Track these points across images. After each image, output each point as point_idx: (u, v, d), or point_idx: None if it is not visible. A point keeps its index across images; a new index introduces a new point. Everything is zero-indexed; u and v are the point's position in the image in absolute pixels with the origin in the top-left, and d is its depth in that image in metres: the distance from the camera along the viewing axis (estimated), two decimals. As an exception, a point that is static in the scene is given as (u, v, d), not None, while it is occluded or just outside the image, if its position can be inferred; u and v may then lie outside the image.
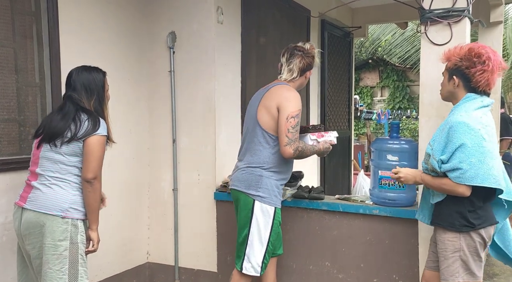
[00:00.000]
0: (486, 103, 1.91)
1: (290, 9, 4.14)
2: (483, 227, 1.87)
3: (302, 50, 2.40)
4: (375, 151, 2.58)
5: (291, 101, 2.24)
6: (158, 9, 3.25)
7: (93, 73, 2.12)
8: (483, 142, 1.82)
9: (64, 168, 2.00)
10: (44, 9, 2.54)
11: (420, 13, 2.33)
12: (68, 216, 1.97)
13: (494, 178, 1.81)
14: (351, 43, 5.59)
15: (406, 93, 11.96)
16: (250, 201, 2.30)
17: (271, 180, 2.31)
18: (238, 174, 2.36)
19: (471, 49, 1.93)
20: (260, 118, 2.29)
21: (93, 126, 2.00)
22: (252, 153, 2.33)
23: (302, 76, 2.42)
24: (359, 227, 2.62)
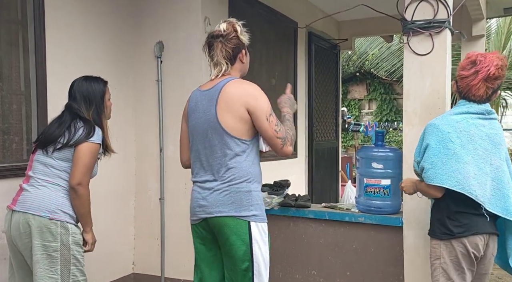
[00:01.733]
0: (472, 110, 1.89)
1: (278, 21, 4.20)
2: (464, 236, 1.82)
3: (220, 36, 1.95)
4: (361, 159, 2.60)
5: (259, 98, 1.91)
6: (146, 19, 3.27)
7: (93, 84, 2.16)
8: (449, 144, 1.82)
9: (54, 172, 2.02)
10: (31, 18, 2.55)
11: (403, 24, 2.38)
12: (55, 217, 1.97)
13: (457, 181, 1.79)
14: (338, 55, 5.68)
15: (393, 106, 12.15)
16: (245, 225, 1.89)
17: (258, 193, 1.97)
18: (218, 196, 1.90)
19: (468, 54, 1.94)
20: (226, 124, 1.89)
21: (86, 133, 2.02)
22: (228, 166, 1.90)
23: (236, 63, 2.00)
24: (345, 235, 2.63)
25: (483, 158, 1.85)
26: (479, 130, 1.87)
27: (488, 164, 1.85)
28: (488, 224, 1.85)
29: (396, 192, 2.54)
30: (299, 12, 4.57)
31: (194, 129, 1.99)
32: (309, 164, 4.95)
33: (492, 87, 1.88)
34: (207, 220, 1.93)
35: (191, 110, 2.02)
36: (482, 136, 1.87)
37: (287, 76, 4.51)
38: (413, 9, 2.33)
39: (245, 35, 2.01)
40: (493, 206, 1.82)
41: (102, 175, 3.03)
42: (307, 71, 4.89)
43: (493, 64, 1.84)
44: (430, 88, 2.33)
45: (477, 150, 1.85)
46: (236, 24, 1.98)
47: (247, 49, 2.03)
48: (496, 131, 1.90)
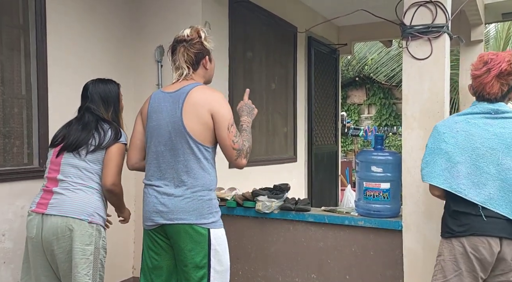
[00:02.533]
0: (477, 110, 1.90)
1: (277, 26, 4.23)
2: (464, 236, 1.82)
3: (183, 41, 1.95)
4: (360, 163, 2.61)
5: (224, 106, 1.90)
6: (147, 23, 3.30)
7: (109, 85, 2.22)
8: (442, 144, 1.87)
9: (87, 174, 2.05)
10: (33, 23, 2.57)
11: (402, 29, 2.40)
12: (94, 221, 2.01)
13: (444, 179, 1.84)
14: (337, 60, 5.71)
15: (393, 111, 12.17)
16: (204, 233, 1.88)
17: (216, 200, 1.97)
18: (179, 203, 1.86)
19: (480, 55, 1.95)
20: (191, 129, 1.85)
21: (115, 135, 2.09)
22: (192, 173, 1.87)
23: (200, 69, 1.99)
24: (344, 238, 2.63)
25: (486, 157, 1.82)
26: (482, 130, 1.85)
27: (495, 164, 1.81)
28: (492, 226, 1.79)
29: (396, 195, 2.55)
30: (298, 17, 4.60)
31: (155, 131, 1.93)
32: (309, 168, 4.96)
33: (507, 84, 1.87)
34: (165, 226, 1.90)
35: (152, 110, 1.96)
36: (486, 136, 1.84)
37: (286, 80, 4.53)
38: (412, 14, 2.35)
39: (210, 42, 2.01)
40: (499, 206, 1.78)
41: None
42: (307, 76, 4.91)
43: (505, 60, 1.84)
44: (429, 93, 2.34)
45: (477, 150, 1.83)
46: (201, 30, 1.98)
47: (211, 56, 2.04)
48: (511, 130, 1.82)
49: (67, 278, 2.00)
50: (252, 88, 3.91)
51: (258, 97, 4.01)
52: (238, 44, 3.65)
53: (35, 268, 2.03)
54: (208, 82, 2.08)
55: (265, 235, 2.85)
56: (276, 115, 4.34)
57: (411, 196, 2.36)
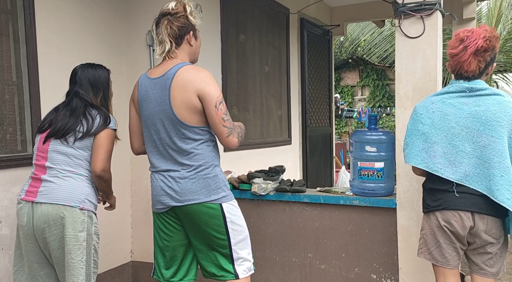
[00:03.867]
0: (452, 89, 1.91)
1: (269, 8, 4.18)
2: (437, 210, 1.90)
3: (167, 14, 1.91)
4: (354, 143, 2.63)
5: (210, 84, 1.85)
6: (138, 6, 3.25)
7: (98, 70, 2.16)
8: (419, 125, 1.93)
9: (76, 162, 2.03)
10: (21, 7, 2.52)
11: (394, 7, 2.39)
12: (85, 207, 2.00)
13: (422, 159, 1.90)
14: (330, 42, 5.68)
15: (386, 92, 12.18)
16: (217, 208, 1.93)
17: (222, 175, 2.00)
18: (185, 185, 1.90)
19: (456, 32, 1.95)
20: (182, 115, 1.86)
21: (104, 120, 2.05)
22: (190, 155, 1.89)
23: (183, 44, 1.93)
24: (340, 218, 2.67)
25: (462, 136, 1.85)
26: (457, 109, 1.87)
27: (470, 142, 1.83)
28: (463, 201, 1.84)
29: (390, 174, 2.58)
30: (290, -2, 4.55)
31: (148, 119, 1.95)
32: (304, 151, 4.98)
33: (484, 60, 1.87)
34: (175, 208, 1.94)
35: (141, 99, 1.97)
36: (461, 115, 1.86)
37: (280, 63, 4.51)
38: (404, -8, 2.34)
39: (196, 18, 1.94)
40: (475, 183, 1.83)
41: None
42: (300, 58, 4.89)
43: (481, 37, 1.84)
44: (422, 71, 2.35)
45: (452, 129, 1.86)
46: (187, 4, 1.92)
47: (196, 33, 1.97)
48: (486, 107, 1.83)
49: (60, 265, 1.99)
50: (245, 72, 3.91)
51: (251, 80, 4.00)
52: (230, 27, 3.62)
53: (28, 256, 2.04)
54: (195, 61, 2.02)
55: (262, 216, 2.88)
56: (270, 98, 4.34)
57: (405, 174, 2.39)
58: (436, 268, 1.97)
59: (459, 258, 1.94)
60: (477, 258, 1.91)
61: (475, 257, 1.92)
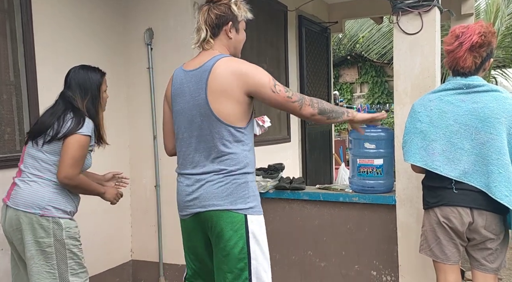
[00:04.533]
0: (450, 86, 1.91)
1: (267, 5, 4.17)
2: (436, 206, 1.91)
3: (210, 1, 1.78)
4: (353, 140, 2.63)
5: (257, 74, 1.70)
6: (135, 5, 3.24)
7: (90, 72, 2.11)
8: (417, 123, 1.93)
9: (44, 166, 1.97)
10: (18, 6, 2.51)
11: (392, 4, 2.39)
12: (46, 214, 1.94)
13: (420, 157, 1.91)
14: (328, 39, 5.67)
15: (385, 89, 12.18)
16: (241, 219, 1.70)
17: (254, 183, 1.79)
18: (210, 188, 1.72)
19: (451, 29, 1.95)
20: (219, 111, 1.69)
21: (75, 125, 1.96)
22: (222, 157, 1.71)
23: (221, 35, 1.79)
24: (339, 215, 2.67)
25: (460, 133, 1.85)
26: (455, 107, 1.87)
27: (469, 140, 1.84)
28: (462, 197, 1.85)
29: (389, 171, 2.58)
30: (288, -5, 4.54)
31: (180, 115, 1.78)
32: (303, 148, 4.98)
33: (480, 56, 1.87)
34: (199, 214, 1.75)
35: (175, 93, 1.80)
36: (459, 113, 1.86)
37: (278, 60, 4.50)
38: (401, -12, 2.33)
39: (242, 9, 1.80)
40: (473, 179, 1.83)
41: (96, 164, 3.03)
42: (298, 55, 4.88)
43: (475, 32, 1.84)
44: (420, 68, 2.35)
45: (450, 127, 1.86)
46: None
47: (238, 25, 1.81)
48: (483, 104, 1.82)
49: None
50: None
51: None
52: (228, 24, 3.60)
53: (13, 255, 2.07)
54: (235, 56, 1.85)
55: (261, 214, 2.87)
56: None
57: (404, 171, 2.39)
58: (437, 264, 1.97)
59: (459, 254, 1.94)
60: (478, 254, 1.91)
61: (476, 253, 1.92)
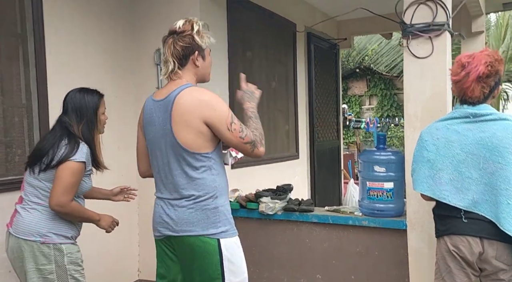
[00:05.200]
0: (456, 115, 1.90)
1: (276, 23, 4.20)
2: (446, 235, 1.88)
3: (174, 33, 1.81)
4: (363, 163, 2.61)
5: (216, 108, 1.74)
6: (145, 26, 3.28)
7: (86, 96, 2.08)
8: (424, 152, 1.92)
9: (42, 193, 1.97)
10: (30, 31, 2.55)
11: (402, 28, 2.38)
12: (47, 241, 1.94)
13: (428, 186, 1.89)
14: (337, 55, 5.67)
15: (394, 101, 12.14)
16: (214, 244, 1.76)
17: (226, 206, 1.83)
18: (183, 214, 1.78)
19: (457, 58, 1.93)
20: (183, 140, 1.75)
21: (68, 152, 1.94)
22: (191, 183, 1.77)
23: (189, 65, 1.82)
24: (349, 238, 2.64)
25: (468, 163, 1.83)
26: (462, 136, 1.85)
27: (477, 169, 1.81)
28: (472, 227, 1.82)
29: (399, 194, 2.55)
30: (297, 13, 4.56)
31: (152, 143, 1.85)
32: (311, 164, 4.96)
33: (488, 86, 1.85)
34: (171, 238, 1.81)
35: (146, 122, 1.88)
36: (466, 142, 1.84)
37: (287, 78, 4.51)
38: (412, 12, 2.33)
39: (205, 37, 1.82)
40: (484, 209, 1.80)
41: (105, 184, 3.05)
42: (307, 72, 4.89)
43: (482, 63, 1.82)
44: (431, 92, 2.33)
45: (458, 156, 1.84)
46: (195, 23, 1.80)
47: (204, 53, 1.84)
48: (491, 133, 1.80)
49: None
50: (253, 87, 3.91)
51: (258, 96, 4.00)
52: (237, 44, 3.63)
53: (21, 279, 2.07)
54: (204, 81, 1.92)
55: (269, 236, 2.85)
56: (277, 113, 4.33)
57: (415, 195, 2.35)
58: None
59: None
60: None
61: None
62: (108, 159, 3.06)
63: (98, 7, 3.03)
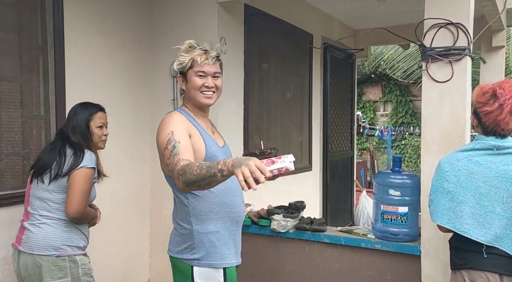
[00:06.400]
0: (478, 146, 1.86)
1: (293, 35, 4.18)
2: (464, 269, 1.84)
3: None
4: (377, 185, 2.58)
5: (159, 133, 1.76)
6: (162, 39, 3.29)
7: (81, 109, 2.13)
8: (445, 183, 1.86)
9: (53, 206, 1.99)
10: (51, 44, 2.58)
11: (421, 51, 2.34)
12: (62, 254, 1.97)
13: (448, 219, 1.84)
14: (353, 65, 5.63)
15: (409, 108, 11.98)
16: (188, 269, 1.75)
17: (206, 234, 1.74)
18: (172, 233, 1.87)
19: (482, 88, 1.89)
20: (161, 163, 1.85)
21: (76, 159, 1.98)
22: (176, 205, 1.84)
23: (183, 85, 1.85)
24: (361, 261, 2.61)
25: (490, 196, 1.79)
26: (484, 168, 1.81)
27: (499, 203, 1.78)
28: (492, 262, 1.78)
29: (414, 219, 2.51)
30: (314, 23, 4.54)
31: None
32: (324, 176, 4.92)
33: None
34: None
35: None
36: (489, 175, 1.80)
37: (302, 88, 4.49)
38: (432, 35, 2.29)
39: (180, 61, 1.82)
40: (506, 244, 1.77)
41: (119, 194, 3.08)
42: (322, 83, 4.86)
43: None
44: (449, 116, 2.29)
45: (479, 188, 1.80)
46: (182, 45, 1.82)
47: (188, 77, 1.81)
48: None
49: None
50: (267, 100, 3.90)
51: (273, 108, 3.99)
52: (254, 57, 3.62)
53: None
54: (196, 105, 1.84)
55: (280, 254, 2.84)
56: (291, 125, 4.31)
57: (430, 221, 2.31)
58: None
59: None
60: None
61: None
62: (122, 169, 3.12)
63: (118, 21, 3.05)
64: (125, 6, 3.10)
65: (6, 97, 2.42)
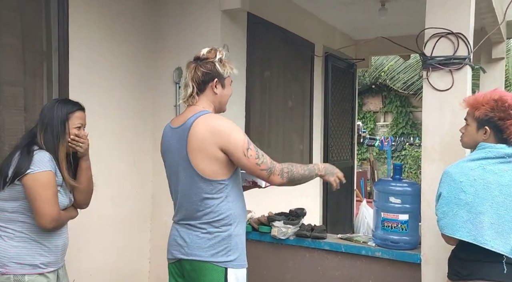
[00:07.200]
0: (491, 155, 1.83)
1: (295, 43, 4.22)
2: (470, 279, 1.80)
3: (197, 59, 1.89)
4: (378, 193, 2.58)
5: (232, 134, 1.76)
6: (166, 45, 3.33)
7: (58, 105, 1.90)
8: (461, 194, 1.79)
9: (7, 216, 1.78)
10: (55, 49, 2.61)
11: (422, 60, 2.37)
12: (8, 272, 1.74)
13: (468, 231, 1.77)
14: (354, 74, 5.67)
15: (409, 119, 12.03)
16: (221, 272, 1.77)
17: (240, 236, 1.85)
18: (195, 238, 1.80)
19: (503, 100, 1.86)
20: (199, 167, 1.77)
21: (21, 162, 1.74)
22: (205, 211, 1.80)
23: (207, 91, 1.86)
24: (361, 268, 2.60)
25: (506, 205, 1.77)
26: (499, 177, 1.79)
27: None
28: (507, 274, 1.76)
29: (414, 227, 2.51)
30: (316, 33, 4.59)
31: (169, 170, 1.92)
32: (324, 185, 4.93)
33: None
34: (182, 261, 1.84)
35: (164, 150, 1.94)
36: (503, 183, 1.78)
37: (303, 97, 4.52)
38: (432, 44, 2.32)
39: (227, 66, 1.89)
40: None
41: (120, 199, 3.08)
42: (324, 92, 4.89)
43: None
44: (450, 125, 2.30)
45: (496, 198, 1.78)
46: (219, 51, 1.88)
47: (224, 81, 1.89)
48: None
49: None
50: (269, 108, 3.93)
51: (274, 116, 4.01)
52: (256, 64, 3.65)
53: None
54: (221, 110, 1.95)
55: (281, 261, 2.84)
56: (292, 133, 4.33)
57: (431, 229, 2.32)
58: None
59: None
60: None
61: None
62: (123, 174, 3.13)
63: (123, 27, 3.09)
64: (129, 12, 3.14)
65: (10, 101, 2.44)
